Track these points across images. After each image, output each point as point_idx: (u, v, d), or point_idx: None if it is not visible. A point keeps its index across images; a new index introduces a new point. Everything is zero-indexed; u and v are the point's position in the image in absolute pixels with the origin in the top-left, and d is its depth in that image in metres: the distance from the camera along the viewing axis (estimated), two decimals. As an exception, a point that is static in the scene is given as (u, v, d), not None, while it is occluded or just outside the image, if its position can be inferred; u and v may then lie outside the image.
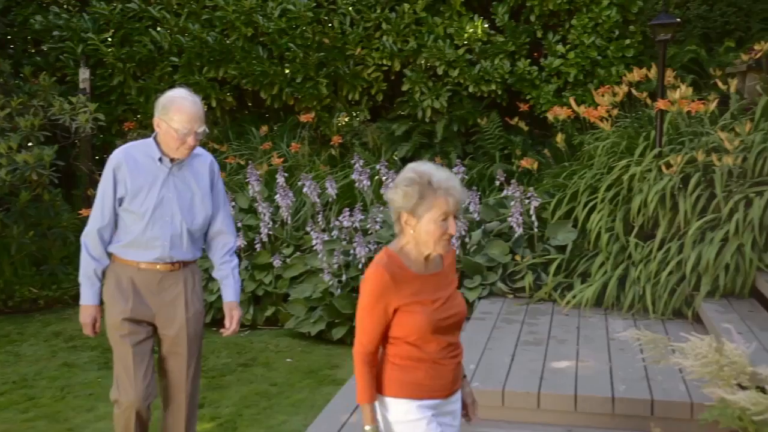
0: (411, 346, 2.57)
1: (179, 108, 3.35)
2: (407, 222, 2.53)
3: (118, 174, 3.43)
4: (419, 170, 2.53)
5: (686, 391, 4.10)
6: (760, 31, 7.91)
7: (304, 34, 8.58)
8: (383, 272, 2.52)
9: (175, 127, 3.34)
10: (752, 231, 5.41)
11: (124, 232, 3.48)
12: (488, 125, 8.55)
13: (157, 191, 3.45)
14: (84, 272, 3.53)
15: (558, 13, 8.50)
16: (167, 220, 3.47)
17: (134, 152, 3.48)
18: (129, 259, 3.51)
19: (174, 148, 3.41)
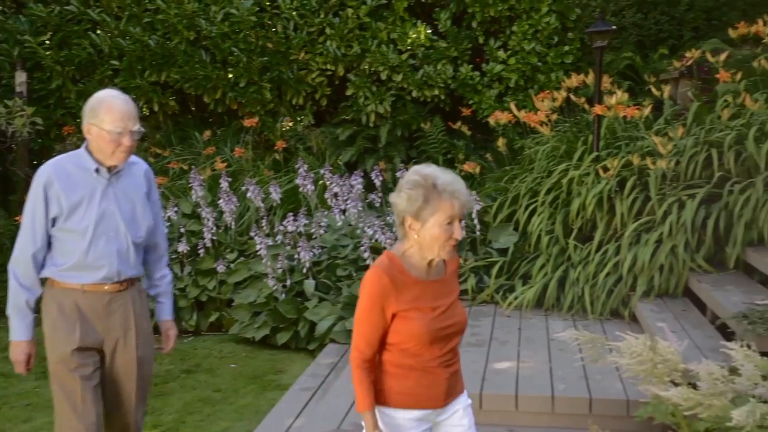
0: (405, 354, 2.50)
1: (109, 107, 3.08)
2: (411, 226, 2.45)
3: (50, 191, 3.09)
4: (423, 173, 2.44)
5: (623, 388, 4.22)
6: (691, 39, 8.17)
7: (247, 38, 8.55)
8: (382, 275, 2.44)
9: (107, 129, 3.06)
10: (685, 233, 5.59)
11: (62, 253, 3.15)
12: (431, 130, 8.64)
13: (96, 205, 3.14)
14: (13, 304, 3.16)
15: (499, 19, 8.64)
16: (111, 235, 3.17)
17: (65, 165, 3.16)
18: (71, 282, 3.16)
19: (109, 152, 3.11)
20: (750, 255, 5.44)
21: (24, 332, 3.18)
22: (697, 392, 3.01)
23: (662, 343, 3.30)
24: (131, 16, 8.71)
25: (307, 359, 6.00)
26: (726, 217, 5.59)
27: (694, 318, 5.14)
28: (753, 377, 3.12)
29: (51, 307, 3.19)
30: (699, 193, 5.66)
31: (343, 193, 7.15)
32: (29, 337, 3.20)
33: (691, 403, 2.97)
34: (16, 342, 3.20)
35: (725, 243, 5.64)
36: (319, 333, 6.09)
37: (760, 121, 5.70)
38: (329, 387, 5.01)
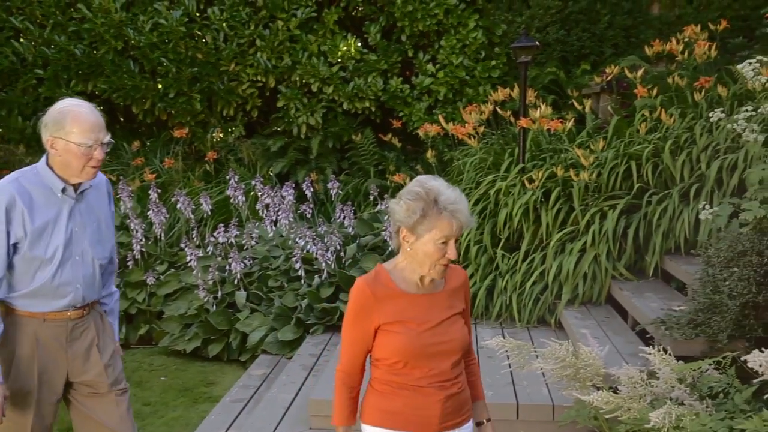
0: (393, 371, 2.39)
1: (76, 118, 2.77)
2: (405, 238, 2.35)
3: (12, 213, 2.78)
4: (427, 186, 2.32)
5: (548, 394, 4.35)
6: (611, 55, 8.46)
7: (176, 48, 8.48)
8: (365, 288, 2.37)
9: (76, 142, 2.76)
10: (607, 242, 5.79)
11: (21, 280, 2.84)
12: (362, 141, 8.72)
13: (63, 228, 2.87)
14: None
15: (428, 33, 8.80)
16: (77, 259, 2.92)
17: (26, 184, 2.83)
18: (30, 311, 2.87)
19: (78, 168, 2.81)
20: (667, 263, 5.67)
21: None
22: (617, 396, 3.13)
23: (585, 349, 3.42)
24: (56, 24, 8.55)
25: (239, 371, 5.98)
26: (645, 226, 5.81)
27: (616, 324, 5.33)
28: (670, 380, 3.27)
29: (8, 332, 2.87)
30: (619, 204, 5.86)
31: (274, 204, 7.16)
32: (2, 379, 2.81)
33: (611, 407, 3.09)
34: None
35: (645, 252, 5.86)
36: (251, 344, 6.09)
37: (675, 135, 5.95)
38: (261, 398, 5.01)
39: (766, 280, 3.83)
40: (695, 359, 3.36)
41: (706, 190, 5.55)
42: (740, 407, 2.96)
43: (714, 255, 4.27)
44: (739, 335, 3.88)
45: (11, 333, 2.87)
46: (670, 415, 2.75)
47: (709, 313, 4.10)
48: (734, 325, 3.88)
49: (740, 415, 2.85)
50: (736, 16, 8.10)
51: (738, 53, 7.23)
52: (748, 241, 4.05)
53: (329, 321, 6.17)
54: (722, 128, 5.61)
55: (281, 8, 8.60)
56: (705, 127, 5.84)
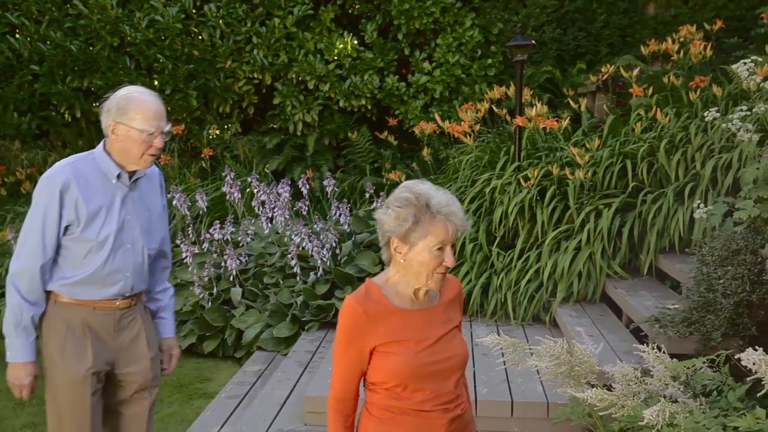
0: (392, 395, 2.20)
1: (140, 104, 2.78)
2: (397, 249, 2.16)
3: (67, 196, 2.77)
4: (416, 190, 2.16)
5: (543, 391, 4.37)
6: (607, 55, 8.48)
7: (172, 45, 8.48)
8: (356, 306, 2.17)
9: (139, 128, 2.77)
10: (602, 240, 5.81)
11: (73, 266, 2.84)
12: (358, 139, 8.73)
13: (116, 214, 2.87)
14: (14, 321, 2.82)
15: (424, 32, 8.80)
16: (128, 247, 2.92)
17: (83, 168, 2.83)
18: (82, 298, 2.87)
19: (137, 155, 2.82)
20: (662, 261, 5.69)
21: (29, 352, 2.86)
22: (611, 393, 3.14)
23: (579, 347, 3.43)
24: (52, 20, 8.55)
25: (234, 367, 5.99)
26: (640, 225, 5.84)
27: (610, 322, 5.35)
28: (663, 378, 3.29)
29: (57, 325, 2.88)
30: (615, 203, 5.89)
31: (270, 201, 7.17)
32: (34, 357, 2.88)
33: (606, 404, 3.10)
34: (21, 363, 2.86)
35: (639, 250, 5.89)
36: (246, 341, 6.09)
37: (670, 134, 5.97)
38: (256, 394, 5.02)
39: (760, 278, 3.85)
40: (689, 357, 3.38)
41: (701, 189, 5.57)
42: (734, 405, 2.98)
43: (708, 254, 4.29)
44: (733, 333, 3.90)
45: (63, 321, 2.87)
46: (664, 413, 2.76)
47: (703, 312, 4.12)
48: (728, 324, 3.90)
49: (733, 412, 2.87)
50: (732, 17, 8.13)
51: (733, 53, 7.26)
52: (743, 239, 4.07)
53: (324, 318, 6.18)
54: (717, 128, 5.63)
55: (278, 5, 8.60)
56: (700, 127, 5.87)
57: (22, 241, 2.84)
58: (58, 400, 2.89)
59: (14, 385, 2.90)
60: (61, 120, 9.07)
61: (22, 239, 2.84)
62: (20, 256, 2.83)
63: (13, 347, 2.85)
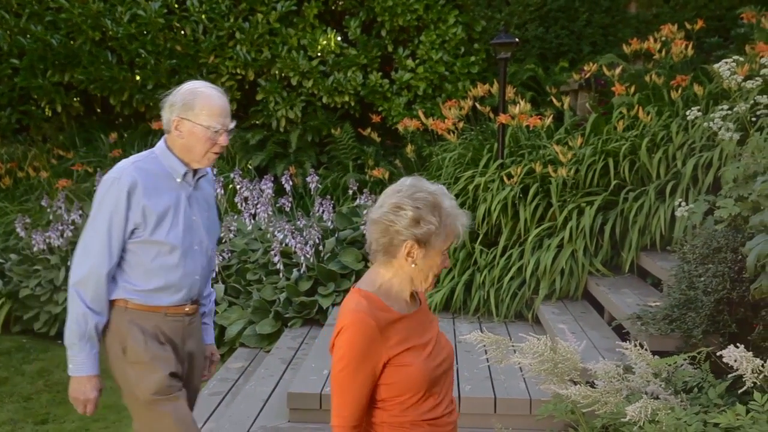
0: (402, 408, 2.03)
1: (207, 100, 2.68)
2: (410, 253, 2.00)
3: (133, 197, 2.63)
4: (430, 190, 2.03)
5: (525, 388, 4.39)
6: (589, 53, 8.52)
7: (155, 40, 8.43)
8: (367, 320, 1.96)
9: (205, 125, 2.66)
10: (584, 238, 5.85)
11: (141, 271, 2.70)
12: (342, 136, 8.73)
13: (182, 215, 2.74)
14: (80, 332, 2.64)
15: (407, 29, 8.81)
16: (196, 249, 2.80)
17: (148, 168, 2.70)
18: (154, 304, 2.73)
19: (202, 153, 2.71)
20: (643, 259, 5.73)
21: (94, 365, 2.70)
22: (594, 390, 3.17)
23: (562, 344, 3.45)
24: (32, 13, 8.47)
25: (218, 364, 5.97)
26: (622, 223, 5.87)
27: (592, 319, 5.39)
28: (645, 375, 3.32)
29: (132, 331, 2.71)
30: (597, 200, 5.92)
31: (253, 197, 7.15)
32: (98, 370, 2.72)
33: (589, 401, 3.12)
34: (85, 377, 2.69)
35: (621, 248, 5.93)
36: (229, 337, 6.08)
37: (651, 133, 6.01)
38: (239, 391, 5.01)
39: (740, 276, 3.89)
40: (670, 354, 3.41)
41: (682, 187, 5.62)
42: (714, 401, 3.01)
43: (689, 252, 4.33)
44: (714, 331, 3.94)
45: (137, 328, 2.72)
46: (646, 409, 2.79)
47: (684, 309, 4.17)
48: (709, 321, 3.94)
49: (714, 409, 2.91)
50: (712, 16, 8.20)
51: (714, 53, 7.32)
52: (723, 238, 4.11)
53: (308, 315, 6.17)
54: (698, 126, 5.68)
55: (261, 1, 8.58)
56: (681, 125, 5.92)
57: (85, 247, 2.68)
58: (144, 412, 2.74)
59: (78, 400, 2.74)
60: (41, 114, 8.99)
61: (85, 244, 2.68)
62: (83, 262, 2.66)
63: (77, 360, 2.68)
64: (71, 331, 2.67)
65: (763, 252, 3.40)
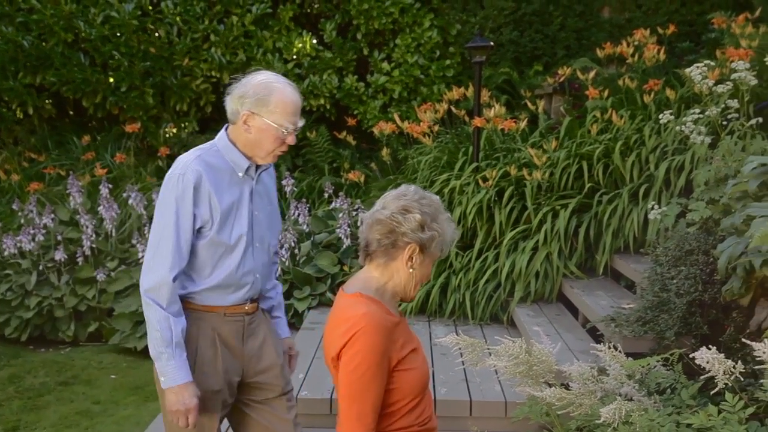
0: (402, 413, 2.03)
1: (282, 97, 2.51)
2: (412, 257, 2.03)
3: (199, 192, 2.49)
4: (432, 197, 2.07)
5: (501, 390, 4.41)
6: (563, 57, 8.59)
7: (128, 42, 8.37)
8: (383, 322, 1.96)
9: (278, 123, 2.51)
10: (558, 240, 5.89)
11: (202, 269, 2.57)
12: (317, 139, 8.71)
13: (246, 211, 2.61)
14: (165, 340, 2.48)
15: (383, 32, 8.82)
16: (257, 246, 2.66)
17: (211, 161, 2.56)
18: (211, 304, 2.60)
19: (268, 151, 2.57)
20: (617, 261, 5.78)
21: (188, 371, 2.52)
22: (569, 392, 3.19)
23: (537, 347, 3.47)
24: (3, 14, 8.37)
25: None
26: (595, 225, 5.92)
27: (567, 322, 5.42)
28: (619, 377, 3.35)
29: (188, 331, 2.57)
30: (571, 203, 5.96)
31: (228, 200, 7.10)
32: (192, 376, 2.53)
33: (563, 403, 3.14)
34: (184, 385, 2.50)
35: (595, 250, 5.98)
36: (204, 342, 6.03)
37: (624, 136, 6.07)
38: (215, 396, 4.97)
39: (711, 278, 3.94)
40: (644, 356, 3.44)
41: (655, 190, 5.68)
42: (686, 402, 3.04)
43: (662, 254, 4.37)
44: (686, 332, 3.98)
45: (192, 331, 2.59)
46: (619, 411, 2.81)
47: (657, 311, 4.20)
48: (681, 323, 3.98)
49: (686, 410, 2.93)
50: (683, 21, 8.31)
51: (685, 57, 7.41)
52: (695, 240, 4.16)
53: (283, 318, 6.15)
54: (670, 130, 5.75)
55: (236, 3, 8.55)
56: (654, 129, 5.98)
57: (154, 250, 2.53)
58: None
59: (178, 412, 2.53)
60: (12, 117, 8.88)
61: (153, 247, 2.53)
62: (154, 267, 2.51)
63: (168, 369, 2.50)
64: (156, 341, 2.50)
65: (734, 254, 3.44)
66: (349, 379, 1.94)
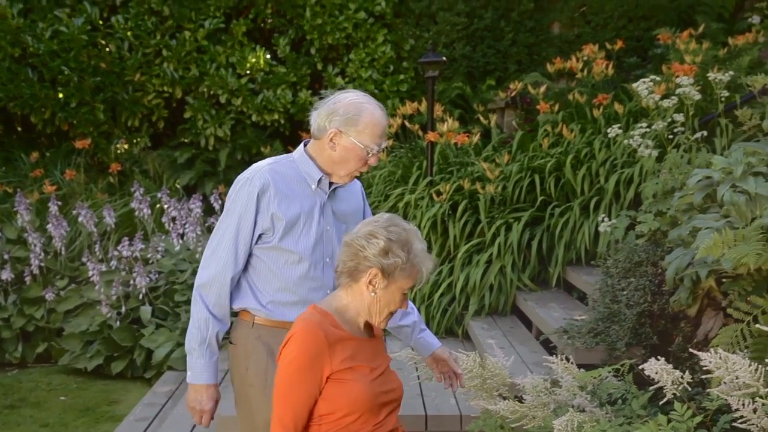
0: (337, 427, 2.09)
1: (373, 119, 2.52)
2: (373, 281, 2.11)
3: (263, 200, 2.52)
4: (405, 227, 2.14)
5: (456, 404, 4.42)
6: (515, 72, 8.70)
7: (78, 57, 8.24)
8: (317, 331, 2.05)
9: (364, 144, 2.51)
10: (512, 253, 5.94)
11: (267, 280, 2.55)
12: (272, 154, 8.67)
13: (315, 224, 2.58)
14: (199, 337, 2.57)
15: (337, 47, 8.84)
16: (327, 261, 2.61)
17: (283, 171, 2.58)
18: (280, 319, 2.55)
19: (350, 170, 2.58)
20: (569, 274, 5.85)
21: (212, 374, 2.61)
22: (523, 405, 3.20)
23: (491, 360, 3.48)
24: (-52, 29, 8.18)
25: (144, 388, 5.83)
26: (548, 238, 5.99)
27: (521, 334, 5.46)
28: (572, 388, 3.37)
29: (257, 349, 2.56)
30: (524, 216, 6.02)
31: (181, 217, 7.03)
32: (216, 379, 2.62)
33: (517, 416, 3.16)
34: (203, 386, 2.61)
35: (548, 263, 6.03)
36: (157, 360, 5.94)
37: (575, 150, 6.16)
38: (166, 416, 4.90)
39: (660, 289, 4.01)
40: (596, 367, 3.48)
41: (605, 202, 5.77)
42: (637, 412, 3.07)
43: (612, 266, 4.44)
44: (636, 343, 4.04)
45: (262, 346, 2.57)
46: (572, 422, 2.83)
47: (608, 322, 4.26)
48: (631, 334, 4.04)
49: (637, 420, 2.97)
50: (631, 37, 8.47)
51: (633, 72, 7.56)
52: (644, 252, 4.23)
53: (238, 335, 6.08)
54: (619, 144, 5.85)
55: (188, 18, 8.49)
56: (603, 142, 6.08)
57: (213, 249, 2.58)
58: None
59: (194, 410, 2.66)
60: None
61: (213, 247, 2.58)
62: (210, 265, 2.56)
63: (196, 367, 2.61)
64: (192, 336, 2.59)
65: (681, 265, 3.51)
66: (277, 380, 2.07)
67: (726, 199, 3.41)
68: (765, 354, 2.68)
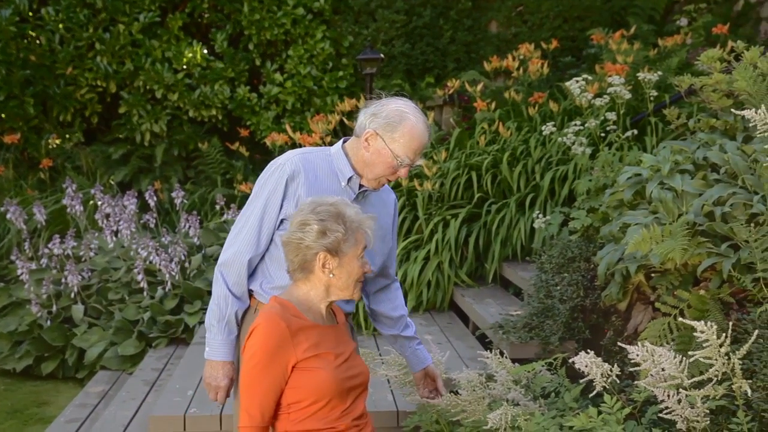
0: (305, 415, 2.12)
1: (411, 131, 2.52)
2: (326, 264, 2.14)
3: (291, 186, 2.53)
4: (331, 201, 2.17)
5: (393, 400, 4.42)
6: (453, 69, 8.77)
7: (6, 49, 7.99)
8: (279, 321, 2.08)
9: (396, 152, 2.52)
10: (449, 250, 5.98)
11: (282, 267, 2.45)
12: (209, 150, 8.56)
13: None
14: (219, 314, 2.59)
15: (275, 43, 8.77)
16: None
17: (316, 162, 2.59)
18: None
19: (377, 174, 2.57)
20: (506, 269, 5.93)
21: (229, 351, 2.62)
22: (458, 399, 3.24)
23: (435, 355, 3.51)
24: None
25: (75, 389, 5.70)
26: (485, 235, 6.05)
27: (458, 330, 5.51)
28: (506, 383, 3.42)
29: None
30: (461, 213, 6.07)
31: (115, 213, 6.89)
32: (233, 357, 2.63)
33: (457, 408, 3.19)
34: (219, 362, 2.62)
35: (485, 259, 6.10)
36: (89, 360, 5.82)
37: (512, 147, 6.24)
38: (98, 417, 4.79)
39: (592, 284, 4.10)
40: (530, 361, 3.53)
41: (540, 199, 5.85)
42: (569, 405, 3.13)
43: (547, 261, 4.52)
44: (569, 337, 4.12)
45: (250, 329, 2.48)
46: (506, 416, 2.87)
47: (543, 317, 4.33)
48: (565, 328, 4.11)
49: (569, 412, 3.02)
50: (566, 37, 8.62)
51: (568, 71, 7.69)
52: (577, 248, 4.32)
53: (174, 333, 5.99)
54: (554, 141, 5.95)
55: (122, 11, 8.32)
56: (539, 140, 6.18)
57: (238, 229, 2.59)
58: None
59: (210, 386, 2.66)
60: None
61: (238, 227, 2.60)
62: (233, 244, 2.58)
63: (214, 343, 2.61)
64: (212, 312, 2.60)
65: (612, 261, 3.59)
66: (242, 372, 2.11)
67: (654, 196, 3.50)
68: (689, 346, 2.76)
